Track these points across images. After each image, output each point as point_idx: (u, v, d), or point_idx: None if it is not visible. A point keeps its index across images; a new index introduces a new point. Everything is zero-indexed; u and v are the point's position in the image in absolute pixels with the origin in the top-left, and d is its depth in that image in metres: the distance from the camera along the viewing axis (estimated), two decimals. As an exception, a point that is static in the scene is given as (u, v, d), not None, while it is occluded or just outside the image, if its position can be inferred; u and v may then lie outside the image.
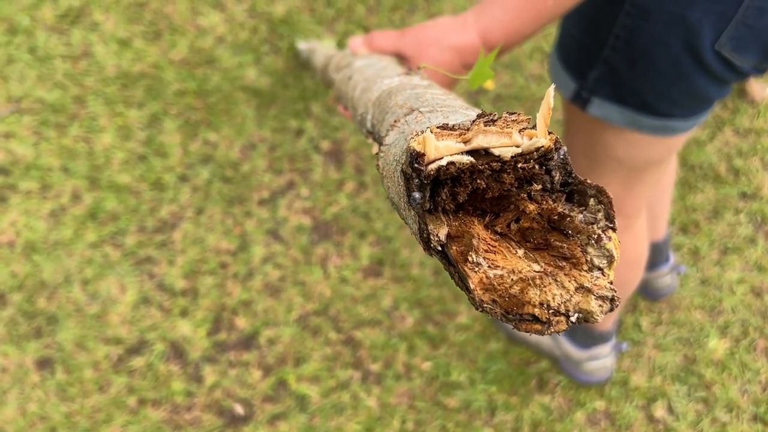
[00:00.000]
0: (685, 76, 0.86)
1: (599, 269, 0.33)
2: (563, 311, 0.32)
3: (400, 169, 0.34)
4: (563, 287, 0.32)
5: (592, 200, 0.33)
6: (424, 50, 0.78)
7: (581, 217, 0.33)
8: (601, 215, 0.33)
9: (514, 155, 0.32)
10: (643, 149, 0.98)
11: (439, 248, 0.33)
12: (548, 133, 0.32)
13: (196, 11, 1.85)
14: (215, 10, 1.86)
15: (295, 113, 1.76)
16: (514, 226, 0.35)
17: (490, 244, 0.33)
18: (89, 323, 1.53)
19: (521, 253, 0.34)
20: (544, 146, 0.32)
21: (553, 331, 0.31)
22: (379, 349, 1.55)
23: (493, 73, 0.52)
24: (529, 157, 0.32)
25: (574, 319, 0.32)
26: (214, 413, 1.48)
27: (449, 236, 0.33)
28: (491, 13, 0.75)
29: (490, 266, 0.32)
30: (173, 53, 1.80)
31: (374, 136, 0.51)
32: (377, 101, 0.51)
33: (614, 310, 0.32)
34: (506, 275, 0.32)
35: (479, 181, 0.33)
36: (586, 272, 0.33)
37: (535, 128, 0.32)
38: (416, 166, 0.31)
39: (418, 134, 0.33)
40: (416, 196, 0.31)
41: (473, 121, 0.32)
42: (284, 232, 1.64)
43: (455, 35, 0.76)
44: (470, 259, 0.32)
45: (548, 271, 0.33)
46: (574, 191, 0.34)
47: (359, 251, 1.64)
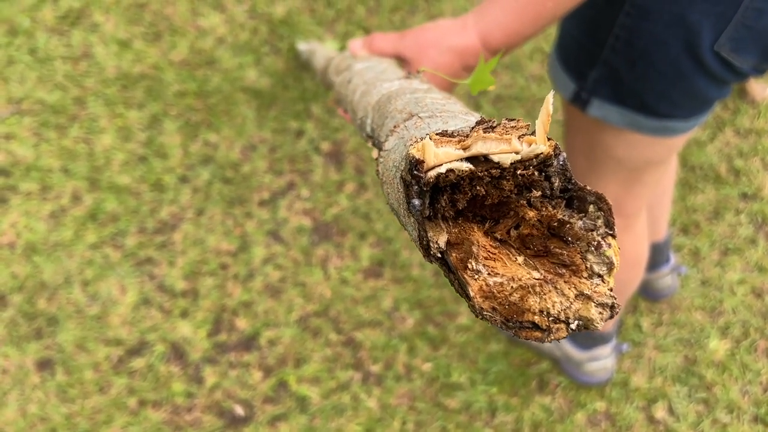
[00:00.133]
0: (684, 76, 0.86)
1: (599, 276, 0.32)
2: (563, 318, 0.32)
3: (399, 175, 0.34)
4: (563, 294, 0.32)
5: (591, 207, 0.32)
6: (424, 52, 0.78)
7: (581, 223, 0.33)
8: (600, 222, 0.32)
9: (513, 162, 0.32)
10: (643, 150, 0.98)
11: (438, 255, 0.33)
12: (547, 139, 0.32)
13: (196, 12, 1.85)
14: (215, 11, 1.86)
15: (295, 114, 1.76)
16: (513, 232, 0.34)
17: (489, 251, 0.33)
18: (89, 324, 1.53)
19: (521, 260, 0.34)
20: (543, 153, 0.32)
21: (553, 338, 0.31)
22: (379, 350, 1.55)
23: (493, 79, 0.52)
24: (528, 163, 0.32)
25: (574, 326, 0.32)
26: (214, 414, 1.48)
27: (449, 243, 0.33)
28: (491, 14, 0.75)
29: (489, 274, 0.32)
30: (173, 54, 1.80)
31: (374, 140, 0.51)
32: (377, 105, 0.50)
33: (614, 317, 0.32)
34: (506, 283, 0.32)
35: (479, 187, 0.32)
36: (585, 279, 0.32)
37: (534, 134, 0.32)
38: (415, 173, 0.31)
39: (417, 141, 0.33)
40: (416, 203, 0.31)
41: (472, 127, 0.32)
42: (285, 233, 1.64)
43: (455, 37, 0.76)
44: (470, 266, 0.32)
45: (548, 278, 0.33)
46: (573, 197, 0.34)
47: (359, 252, 1.64)
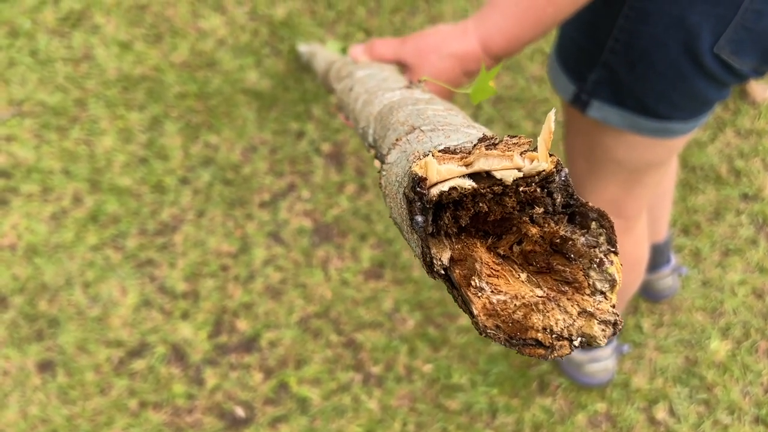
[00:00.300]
0: (684, 78, 0.86)
1: (602, 293, 0.33)
2: (566, 336, 0.32)
3: (402, 191, 0.34)
4: (566, 312, 0.32)
5: (593, 224, 0.33)
6: (424, 58, 0.78)
7: (583, 240, 0.33)
8: (603, 239, 0.33)
9: (515, 179, 0.32)
10: (643, 151, 0.98)
11: (442, 272, 0.33)
12: (549, 155, 0.32)
13: (196, 14, 1.85)
14: (216, 12, 1.86)
15: (295, 116, 1.76)
16: (516, 248, 0.35)
17: (492, 268, 0.33)
18: (90, 326, 1.53)
19: (524, 277, 0.34)
20: (545, 170, 0.32)
21: (556, 355, 0.31)
22: (380, 351, 1.55)
23: (495, 89, 0.52)
24: (530, 180, 0.32)
25: (577, 343, 0.32)
26: (215, 416, 1.48)
27: (452, 260, 0.33)
28: (491, 20, 0.75)
29: (493, 291, 0.32)
30: (174, 56, 1.80)
31: (376, 151, 0.51)
32: (379, 116, 0.50)
33: (617, 333, 0.32)
34: (509, 300, 0.32)
35: (481, 204, 0.33)
36: (588, 296, 0.33)
37: (536, 150, 0.32)
38: (418, 190, 0.31)
39: (419, 157, 0.33)
40: (419, 219, 0.31)
41: (475, 144, 0.32)
42: (285, 234, 1.64)
43: (456, 42, 0.76)
44: (473, 283, 0.32)
45: (551, 296, 0.33)
46: (575, 213, 0.34)
47: (360, 253, 1.64)
